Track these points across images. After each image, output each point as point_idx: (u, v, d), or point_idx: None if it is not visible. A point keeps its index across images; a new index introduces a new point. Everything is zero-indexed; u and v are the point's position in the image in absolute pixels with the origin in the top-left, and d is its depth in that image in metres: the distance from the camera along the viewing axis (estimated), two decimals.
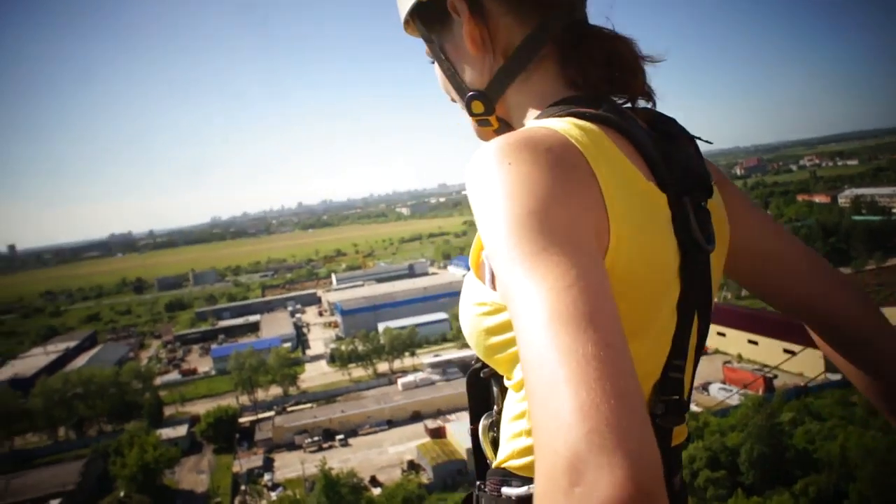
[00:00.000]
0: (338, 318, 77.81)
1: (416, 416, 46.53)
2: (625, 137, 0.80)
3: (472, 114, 0.95)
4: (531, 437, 0.58)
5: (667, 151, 0.83)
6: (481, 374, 0.97)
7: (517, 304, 0.59)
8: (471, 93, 0.94)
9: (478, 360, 0.96)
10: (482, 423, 0.94)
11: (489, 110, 0.94)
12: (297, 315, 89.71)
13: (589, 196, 0.70)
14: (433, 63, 1.01)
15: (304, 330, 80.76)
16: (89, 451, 45.09)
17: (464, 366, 54.26)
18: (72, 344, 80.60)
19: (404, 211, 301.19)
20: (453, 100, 1.01)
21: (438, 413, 46.20)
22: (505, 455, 0.84)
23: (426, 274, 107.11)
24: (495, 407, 0.93)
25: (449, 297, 73.86)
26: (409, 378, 53.54)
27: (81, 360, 69.99)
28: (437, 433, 41.71)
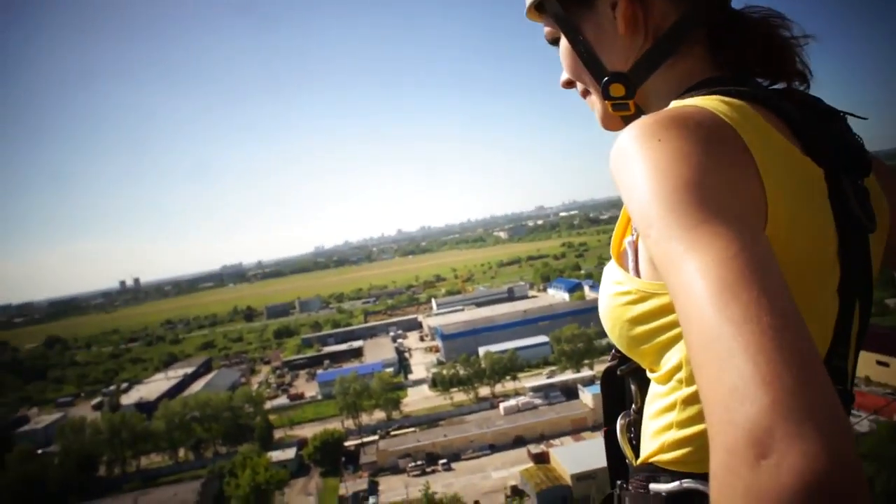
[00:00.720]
0: (439, 343, 78.00)
1: (519, 441, 45.73)
2: (775, 114, 0.77)
3: (609, 97, 0.92)
4: (682, 428, 0.59)
5: (820, 128, 0.80)
6: (618, 372, 0.93)
7: (680, 278, 0.57)
8: (610, 74, 0.90)
9: (614, 357, 0.95)
10: (619, 422, 0.91)
11: (630, 94, 0.91)
12: (399, 340, 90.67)
13: (745, 169, 0.67)
14: (555, 44, 0.98)
15: (406, 355, 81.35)
16: (206, 471, 47.24)
17: (566, 389, 53.18)
18: (189, 370, 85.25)
19: (502, 234, 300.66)
20: (571, 84, 0.99)
21: (541, 438, 45.29)
22: (652, 450, 0.81)
23: (526, 297, 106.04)
24: (633, 406, 0.90)
25: (549, 320, 72.84)
26: (511, 402, 52.84)
27: (198, 385, 73.83)
28: (541, 458, 40.76)
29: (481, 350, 63.74)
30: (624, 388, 0.94)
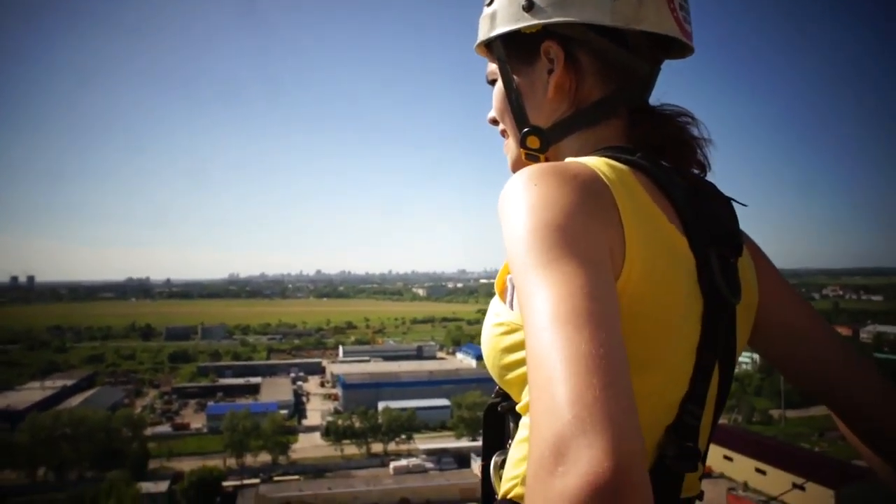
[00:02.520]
0: (339, 391, 76.20)
1: None
2: (655, 184, 0.85)
3: (524, 146, 1.00)
4: None
5: (698, 204, 0.87)
6: (498, 409, 0.97)
7: (527, 308, 0.64)
8: (530, 127, 0.98)
9: (496, 394, 0.99)
10: (494, 459, 0.94)
11: (543, 149, 0.99)
12: (299, 382, 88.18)
13: (608, 221, 0.74)
14: (493, 84, 1.05)
15: (304, 398, 79.08)
16: (64, 495, 43.66)
17: (460, 457, 52.62)
18: (70, 382, 79.66)
19: (421, 292, 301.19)
20: (496, 123, 1.07)
21: (427, 503, 44.40)
22: (510, 485, 0.84)
23: (434, 357, 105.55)
24: (510, 442, 0.92)
25: (454, 385, 72.39)
26: (402, 462, 51.70)
27: (76, 400, 68.94)
28: None
29: (381, 404, 62.75)
30: (504, 425, 0.98)
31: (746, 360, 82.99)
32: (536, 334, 0.61)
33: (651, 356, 0.78)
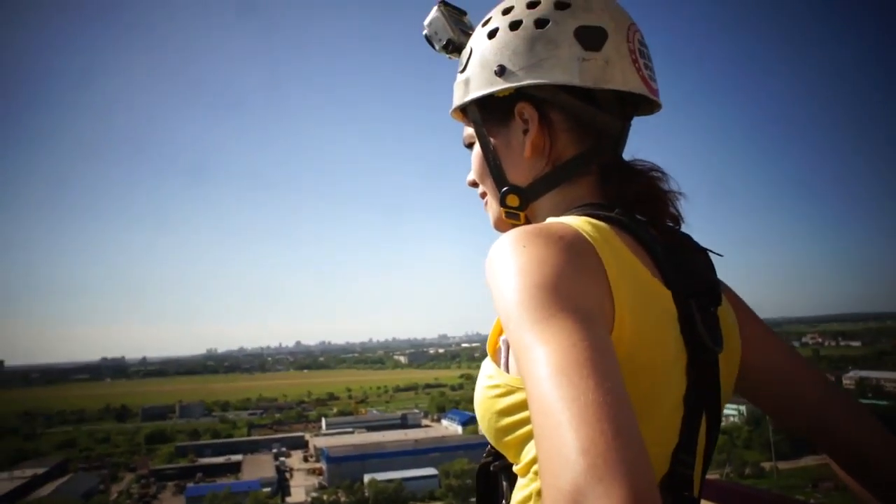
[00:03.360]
0: (323, 465, 73.95)
1: None
2: (635, 239, 0.88)
3: (504, 205, 1.03)
4: None
5: (676, 257, 0.90)
6: (491, 468, 0.97)
7: (527, 365, 0.65)
8: (509, 186, 1.02)
9: (488, 453, 0.99)
10: None
11: (522, 207, 1.02)
12: (282, 458, 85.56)
13: (595, 279, 0.76)
14: (470, 148, 1.10)
15: (287, 474, 76.38)
16: None
17: None
18: (40, 471, 76.14)
19: (402, 359, 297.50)
20: (475, 185, 1.12)
21: None
22: None
23: (419, 425, 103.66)
24: (503, 502, 0.93)
25: (440, 452, 70.92)
26: None
27: (49, 489, 66.00)
28: None
29: (367, 477, 61.11)
30: (497, 484, 0.97)
31: (733, 412, 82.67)
32: (539, 386, 0.62)
33: (644, 408, 0.77)
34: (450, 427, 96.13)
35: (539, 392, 0.62)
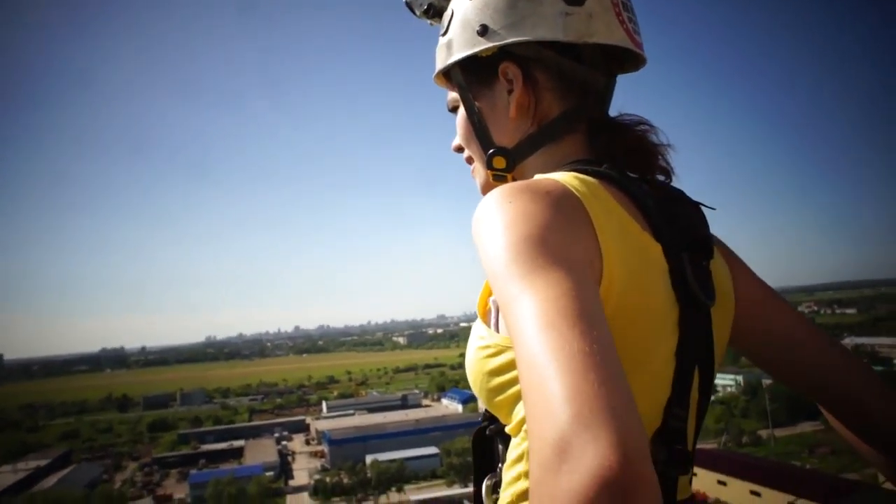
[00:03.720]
0: (325, 448, 74.50)
1: None
2: (624, 193, 0.87)
3: (491, 168, 1.01)
4: (529, 479, 0.61)
5: (668, 211, 0.89)
6: (486, 432, 0.96)
7: (513, 318, 0.65)
8: (496, 148, 1.00)
9: (484, 417, 0.97)
10: (485, 483, 0.94)
11: (510, 168, 1.01)
12: (284, 442, 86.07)
13: (583, 231, 0.76)
14: (454, 112, 1.09)
15: (290, 458, 77.03)
16: None
17: None
18: (43, 462, 76.63)
19: (401, 340, 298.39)
20: (461, 150, 1.10)
21: None
22: (505, 503, 0.84)
23: (419, 406, 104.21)
24: (500, 465, 0.91)
25: (441, 431, 71.35)
26: None
27: (52, 481, 66.44)
28: None
29: (369, 458, 61.54)
30: (494, 447, 0.96)
31: (730, 382, 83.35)
32: (525, 338, 0.61)
33: (635, 360, 0.78)
34: (450, 406, 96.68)
35: (525, 344, 0.61)
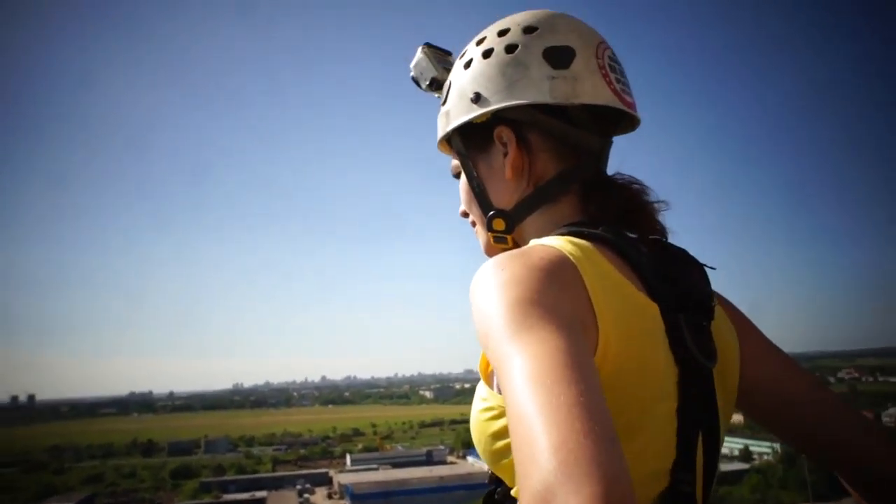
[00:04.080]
0: (347, 502, 73.35)
1: None
2: (619, 255, 0.88)
3: (491, 230, 1.05)
4: None
5: (665, 271, 0.90)
6: (495, 496, 0.95)
7: (504, 375, 0.66)
8: (495, 210, 1.04)
9: (490, 479, 0.97)
10: None
11: (509, 229, 1.04)
12: (306, 495, 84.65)
13: (576, 295, 0.77)
14: (458, 177, 1.13)
15: None
16: None
17: None
18: None
19: (428, 394, 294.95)
20: (466, 215, 1.14)
21: None
22: None
23: (444, 462, 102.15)
24: None
25: (466, 490, 69.50)
26: None
27: None
28: None
29: None
30: None
31: (767, 450, 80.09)
32: (514, 395, 0.62)
33: (634, 422, 0.79)
34: (476, 464, 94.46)
35: (513, 401, 0.62)
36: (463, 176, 1.11)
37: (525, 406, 0.60)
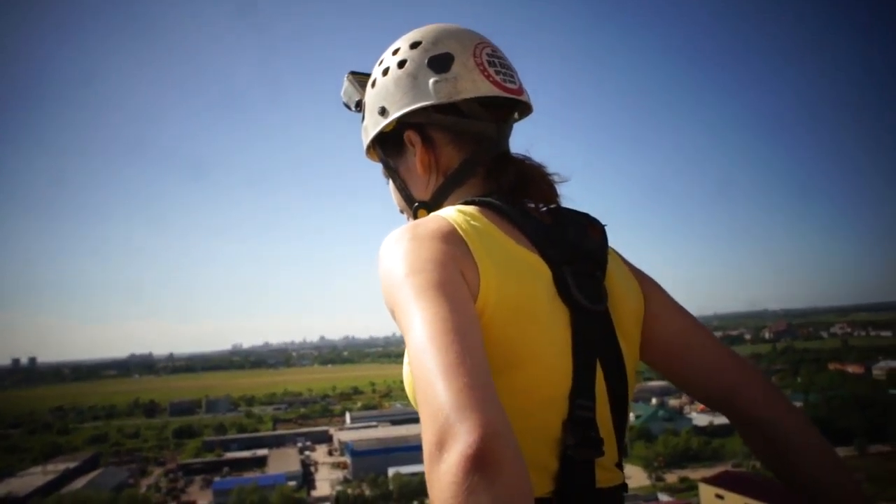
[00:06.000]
0: (347, 459, 74.62)
1: None
2: (506, 219, 1.04)
3: (417, 219, 1.16)
4: None
5: (553, 230, 1.05)
6: None
7: (406, 337, 0.83)
8: (417, 203, 1.21)
9: None
10: None
11: None
12: (307, 452, 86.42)
13: (457, 254, 0.92)
14: (388, 181, 1.29)
15: (312, 469, 77.27)
16: None
17: None
18: (72, 465, 77.90)
19: None
20: (401, 210, 1.29)
21: None
22: None
23: None
24: None
25: None
26: None
27: (80, 483, 67.36)
28: None
29: (391, 470, 61.29)
30: None
31: None
32: (413, 355, 0.79)
33: (521, 354, 0.93)
34: None
35: (413, 360, 0.79)
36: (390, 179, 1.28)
37: (419, 364, 0.76)
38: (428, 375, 0.74)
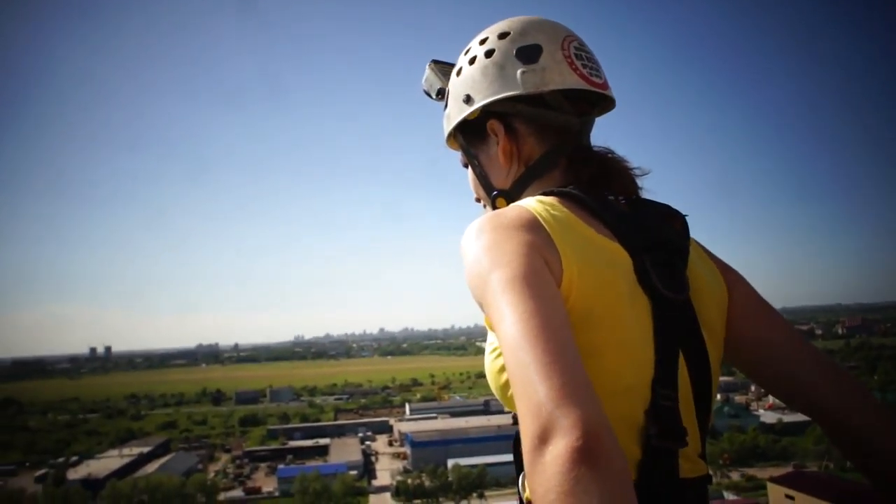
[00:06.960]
0: (407, 450, 75.31)
1: None
2: (585, 209, 1.04)
3: (495, 208, 1.20)
4: None
5: (634, 219, 1.05)
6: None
7: (498, 332, 0.84)
8: (496, 191, 1.22)
9: (514, 419, 1.09)
10: (520, 478, 1.05)
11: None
12: (368, 442, 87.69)
13: (540, 244, 0.92)
14: (467, 168, 1.30)
15: (373, 458, 78.47)
16: None
17: None
18: (146, 449, 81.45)
19: (484, 345, 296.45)
20: (478, 198, 1.30)
21: None
22: (526, 492, 0.99)
23: (502, 412, 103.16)
24: None
25: None
26: None
27: (153, 467, 70.32)
28: None
29: (450, 462, 61.65)
30: None
31: None
32: (508, 352, 0.80)
33: (604, 341, 0.93)
34: None
35: (508, 357, 0.79)
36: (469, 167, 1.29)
37: (516, 362, 0.77)
38: (526, 371, 0.74)
